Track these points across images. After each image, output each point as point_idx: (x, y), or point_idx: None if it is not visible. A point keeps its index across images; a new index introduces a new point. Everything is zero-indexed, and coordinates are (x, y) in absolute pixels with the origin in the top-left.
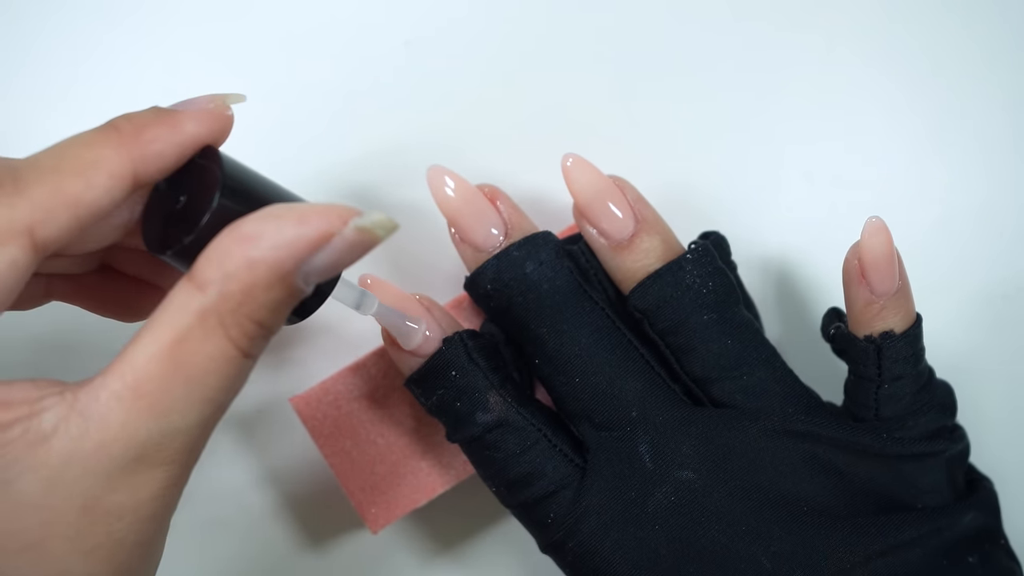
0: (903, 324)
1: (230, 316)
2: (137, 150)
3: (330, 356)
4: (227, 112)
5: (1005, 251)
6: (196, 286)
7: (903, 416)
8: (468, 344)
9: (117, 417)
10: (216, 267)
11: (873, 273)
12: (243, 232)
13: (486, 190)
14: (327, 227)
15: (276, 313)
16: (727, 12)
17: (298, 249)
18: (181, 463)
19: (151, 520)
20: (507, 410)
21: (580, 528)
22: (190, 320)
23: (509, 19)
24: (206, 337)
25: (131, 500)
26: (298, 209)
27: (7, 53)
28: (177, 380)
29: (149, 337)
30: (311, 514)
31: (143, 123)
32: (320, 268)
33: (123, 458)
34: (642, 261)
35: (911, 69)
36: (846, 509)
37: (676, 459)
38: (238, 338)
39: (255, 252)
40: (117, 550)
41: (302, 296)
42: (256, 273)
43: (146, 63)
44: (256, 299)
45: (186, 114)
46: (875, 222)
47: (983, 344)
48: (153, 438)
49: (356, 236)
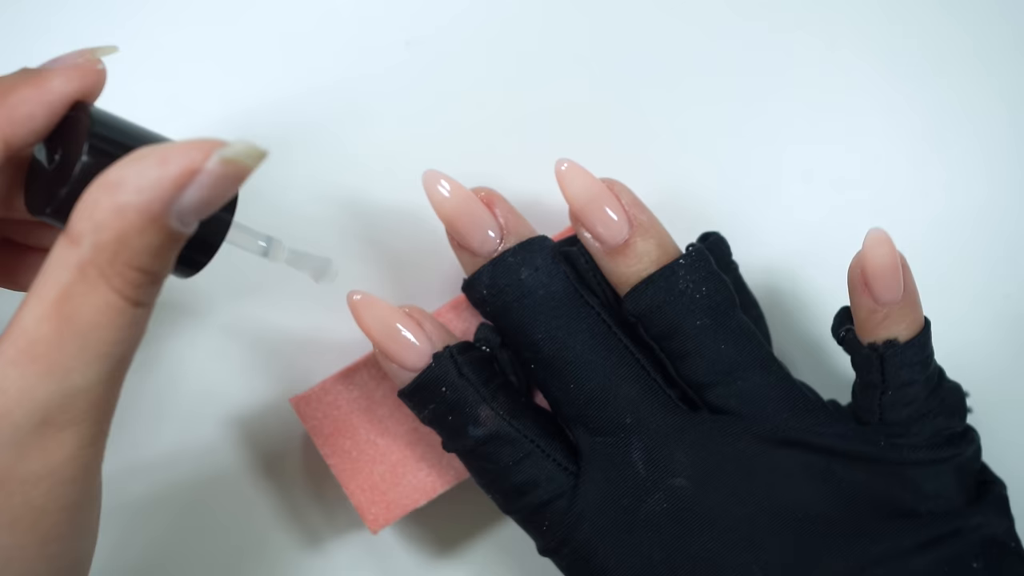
0: (909, 332)
1: (109, 266)
2: (4, 113)
3: (330, 356)
4: (98, 66)
5: (1005, 250)
6: (71, 240)
7: (908, 421)
8: (458, 359)
9: (14, 383)
10: (87, 218)
11: (876, 283)
12: (108, 179)
13: (482, 194)
14: (189, 163)
15: (157, 257)
16: (727, 13)
17: (163, 189)
18: (92, 421)
19: (71, 483)
20: (498, 423)
21: (574, 535)
22: (71, 275)
23: (507, 22)
24: (89, 290)
25: (44, 466)
26: (160, 149)
27: (7, 54)
28: (68, 338)
29: (35, 299)
30: (311, 514)
31: (8, 86)
32: (192, 205)
33: (28, 424)
34: (636, 266)
35: (911, 69)
36: (843, 516)
37: (669, 466)
38: (122, 287)
39: (121, 197)
40: (40, 519)
41: (183, 237)
42: (126, 219)
43: (146, 63)
44: (131, 245)
45: (53, 72)
46: (877, 233)
47: (984, 343)
48: (55, 399)
49: (222, 168)
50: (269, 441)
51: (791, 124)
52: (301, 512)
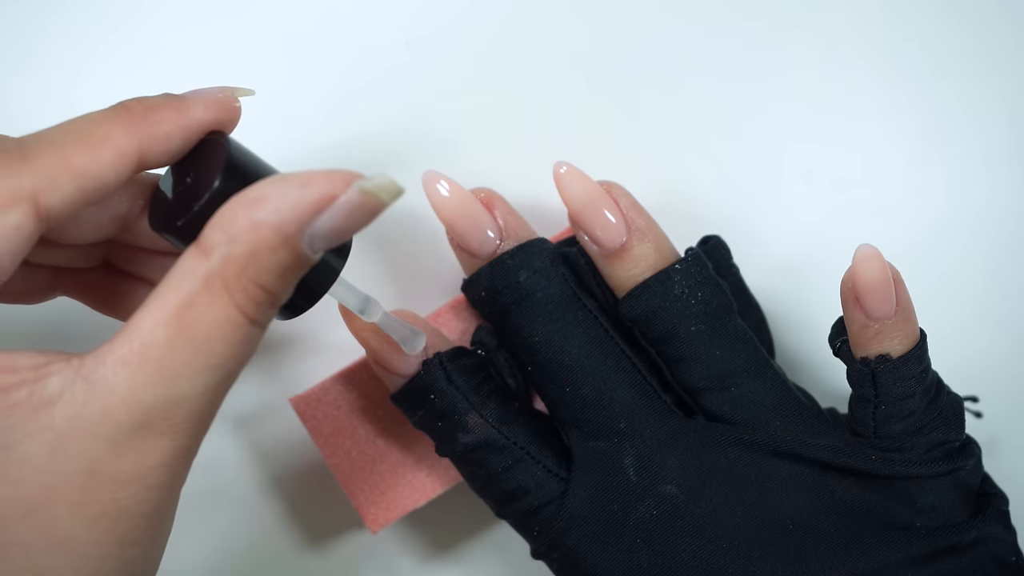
0: (903, 346)
1: (235, 280)
2: (144, 130)
3: (330, 356)
4: (235, 103)
5: (1006, 251)
6: (202, 251)
7: (903, 435)
8: (447, 367)
9: (123, 382)
10: (221, 231)
11: (867, 299)
12: (248, 197)
13: (482, 195)
14: (330, 189)
15: (282, 279)
16: (726, 13)
17: (301, 210)
18: (188, 432)
19: (158, 489)
20: (487, 431)
21: (563, 540)
22: (196, 285)
23: (506, 23)
24: (212, 302)
25: (137, 468)
26: (302, 174)
27: (8, 54)
28: (183, 345)
29: (155, 303)
30: (311, 514)
31: (153, 105)
32: (325, 231)
33: (129, 424)
34: (633, 270)
35: (911, 70)
36: (834, 528)
37: (661, 473)
38: (244, 303)
39: (259, 214)
40: (122, 518)
41: (308, 264)
42: (260, 235)
43: (146, 64)
44: (261, 262)
45: (195, 100)
46: (867, 249)
47: (985, 344)
48: (159, 404)
49: (359, 199)
50: (269, 441)
51: (791, 124)
52: (301, 512)
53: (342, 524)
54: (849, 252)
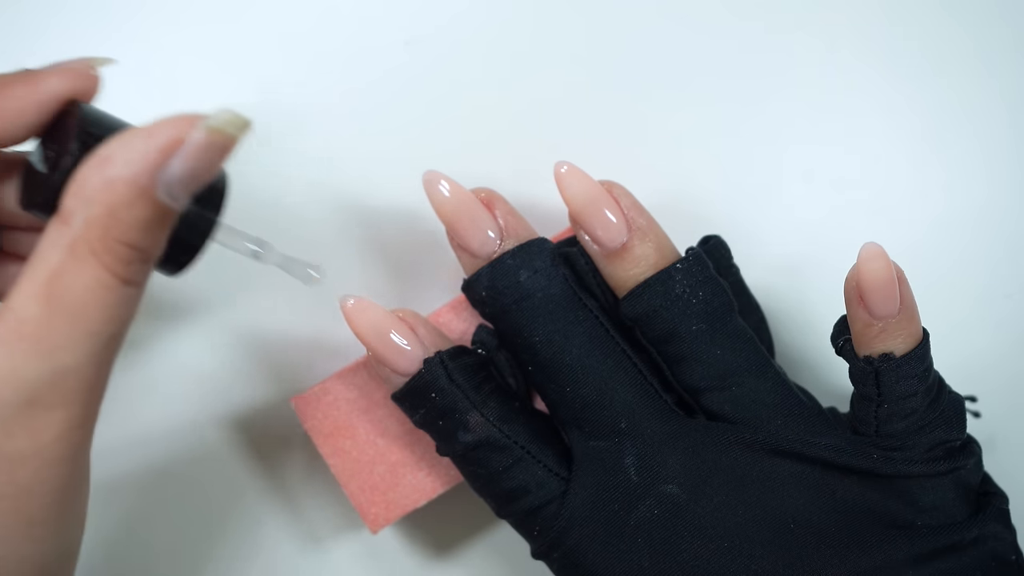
0: (906, 345)
1: (99, 242)
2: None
3: (330, 356)
4: (91, 71)
5: (1006, 250)
6: (62, 220)
7: (905, 434)
8: (448, 365)
9: (2, 362)
10: (76, 196)
11: (871, 297)
12: (97, 156)
13: (483, 195)
14: (175, 133)
15: (147, 233)
16: (726, 14)
17: (150, 159)
18: (80, 402)
19: (58, 464)
20: (488, 430)
21: (564, 540)
22: (61, 254)
23: (506, 23)
24: (80, 268)
25: (32, 445)
26: (147, 126)
27: (7, 54)
28: (58, 317)
29: (25, 280)
30: (311, 514)
31: (4, 81)
32: (179, 175)
33: (15, 402)
34: (634, 269)
35: (911, 70)
36: (836, 528)
37: (662, 473)
38: (112, 264)
39: (110, 171)
40: (26, 499)
41: (172, 213)
42: (115, 192)
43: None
44: (122, 220)
45: (48, 72)
46: (872, 247)
47: (985, 344)
48: (43, 378)
49: (207, 137)
50: (269, 441)
51: (791, 125)
52: (301, 512)
53: (342, 524)
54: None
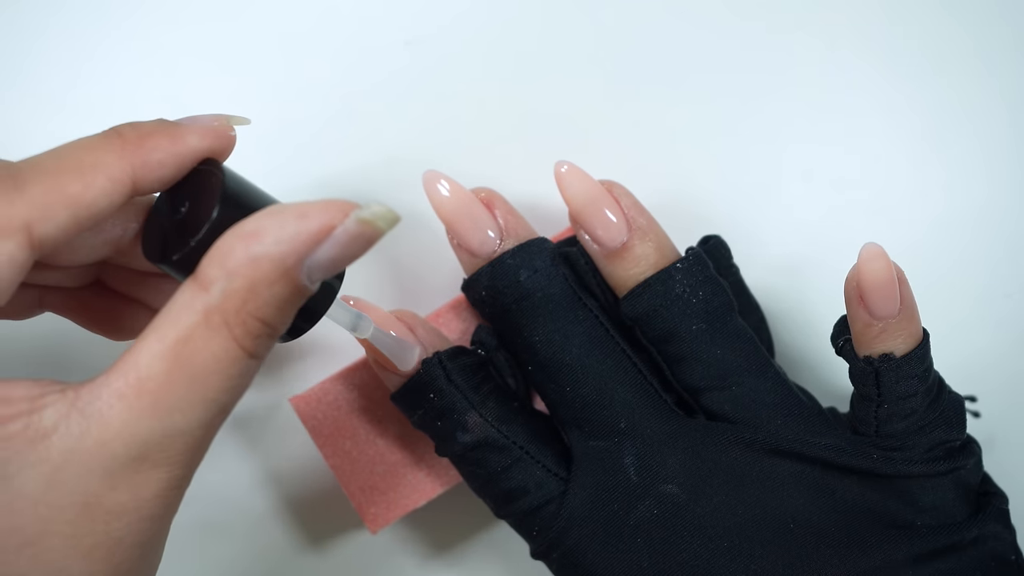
0: (906, 345)
1: (234, 314)
2: (138, 157)
3: (330, 356)
4: (230, 132)
5: (1006, 250)
6: (200, 285)
7: (905, 434)
8: (447, 365)
9: (119, 415)
10: (219, 265)
11: (871, 297)
12: (245, 230)
13: (482, 195)
14: (328, 220)
15: (281, 311)
16: (726, 13)
17: (300, 243)
18: (183, 464)
19: (151, 520)
20: (486, 430)
21: (563, 540)
22: (195, 319)
23: (507, 23)
24: (211, 336)
25: (132, 500)
26: (300, 205)
27: (7, 54)
28: (180, 379)
29: (153, 336)
30: (311, 514)
31: (147, 132)
32: (324, 262)
33: (125, 457)
34: (634, 269)
35: (911, 69)
36: (835, 528)
37: (661, 472)
38: (242, 337)
39: (258, 248)
40: (116, 549)
41: (307, 294)
42: (260, 269)
43: (146, 63)
44: (260, 296)
45: (190, 128)
46: (872, 248)
47: (985, 343)
48: (155, 437)
49: (357, 228)
50: (269, 441)
51: (791, 124)
52: (301, 512)
53: (342, 524)
54: (849, 252)
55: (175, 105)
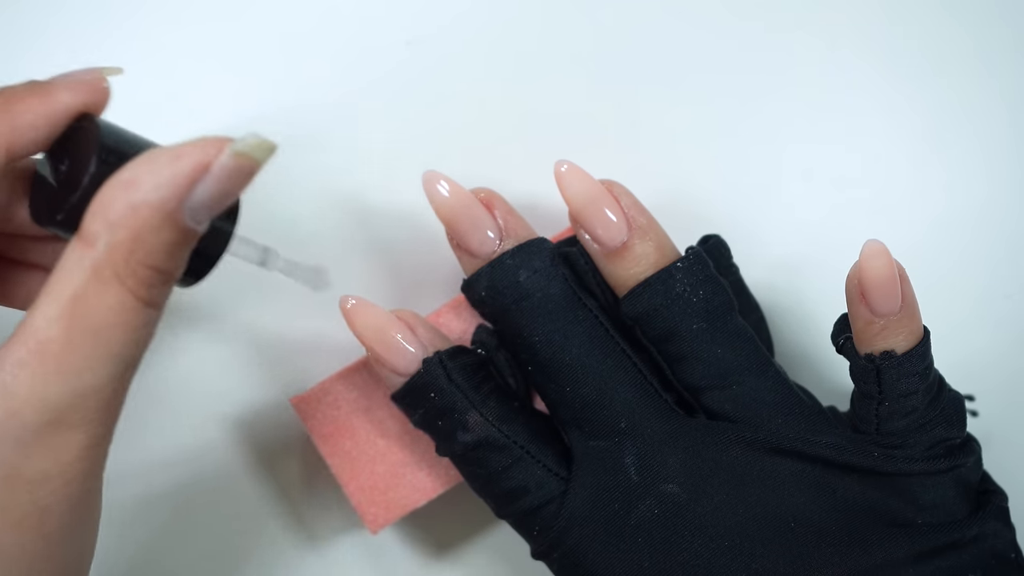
0: (907, 343)
1: (124, 265)
2: (8, 121)
3: (330, 356)
4: (102, 84)
5: (1006, 251)
6: (86, 242)
7: (906, 432)
8: (447, 365)
9: (24, 383)
10: (100, 219)
11: (873, 295)
12: (121, 179)
13: (482, 195)
14: (202, 157)
15: (171, 256)
16: (726, 13)
17: (177, 184)
18: (99, 421)
19: (77, 483)
20: (487, 430)
21: (564, 540)
22: (85, 276)
23: (507, 23)
24: (104, 290)
25: (53, 465)
26: (172, 148)
27: (7, 54)
28: (81, 338)
29: (47, 299)
30: (311, 514)
31: (16, 95)
32: (205, 201)
33: (37, 423)
34: (634, 268)
35: (911, 69)
36: (836, 526)
37: (662, 472)
38: (136, 287)
39: (136, 195)
40: (46, 517)
41: (195, 236)
42: (141, 216)
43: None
44: (146, 243)
45: (60, 85)
46: (874, 244)
47: (985, 343)
48: (65, 399)
49: (234, 162)
50: (269, 441)
51: (791, 124)
52: (301, 512)
53: (342, 524)
54: (849, 251)
55: (175, 105)
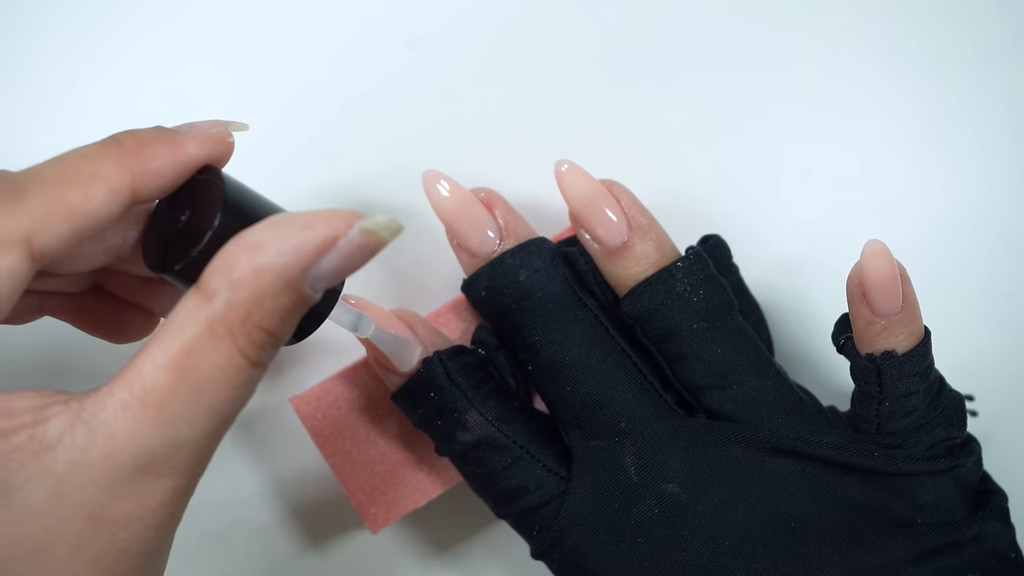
0: (908, 343)
1: (239, 325)
2: (137, 166)
3: (330, 356)
4: (228, 139)
5: (1006, 250)
6: (204, 296)
7: (906, 432)
8: (447, 364)
9: (123, 426)
10: (223, 276)
11: (874, 294)
12: (249, 240)
13: (482, 195)
14: (332, 231)
15: (284, 321)
16: (727, 13)
17: (304, 254)
18: (188, 473)
19: (156, 529)
20: (487, 429)
21: (564, 539)
22: (199, 330)
23: (507, 23)
24: (214, 346)
25: (137, 509)
26: (303, 215)
27: (7, 54)
28: (185, 390)
29: (158, 347)
30: (311, 514)
31: (146, 140)
32: (327, 272)
33: (130, 467)
34: (635, 268)
35: (911, 69)
36: (837, 526)
37: (662, 472)
38: (246, 347)
39: (262, 259)
40: (121, 559)
41: (310, 304)
42: (264, 280)
43: (146, 63)
44: (264, 307)
45: (188, 136)
46: (875, 245)
47: (985, 343)
48: (160, 448)
49: (361, 239)
50: (269, 441)
51: (791, 123)
52: (301, 512)
53: (342, 524)
54: (849, 251)
55: (175, 105)
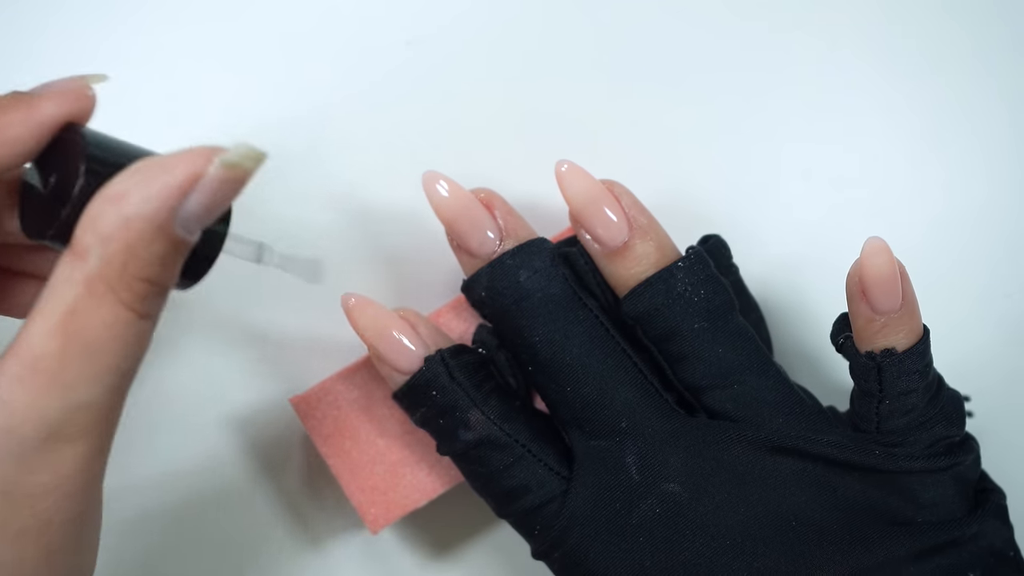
0: (908, 341)
1: (117, 279)
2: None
3: (330, 356)
4: (88, 92)
5: (1005, 250)
6: (77, 255)
7: (906, 430)
8: (449, 363)
9: (20, 399)
10: (92, 232)
11: (874, 292)
12: (112, 192)
13: (482, 195)
14: (192, 169)
15: (164, 267)
16: (725, 13)
17: (168, 196)
18: (97, 434)
19: (77, 495)
20: (488, 428)
21: (565, 539)
22: (78, 290)
23: (507, 23)
24: (98, 305)
25: (52, 479)
26: (161, 159)
27: (7, 54)
28: (75, 353)
29: (40, 316)
30: (311, 514)
31: (0, 108)
32: (196, 212)
33: (34, 439)
34: (635, 268)
35: (910, 69)
36: (838, 525)
37: (663, 471)
38: (131, 300)
39: (127, 208)
40: (45, 530)
41: (189, 246)
42: (133, 229)
43: (146, 63)
44: (139, 256)
45: (44, 96)
46: (875, 242)
47: (985, 343)
48: (61, 415)
49: (224, 172)
50: (269, 441)
51: (790, 123)
52: (301, 512)
53: (342, 524)
54: (848, 250)
55: (175, 105)
